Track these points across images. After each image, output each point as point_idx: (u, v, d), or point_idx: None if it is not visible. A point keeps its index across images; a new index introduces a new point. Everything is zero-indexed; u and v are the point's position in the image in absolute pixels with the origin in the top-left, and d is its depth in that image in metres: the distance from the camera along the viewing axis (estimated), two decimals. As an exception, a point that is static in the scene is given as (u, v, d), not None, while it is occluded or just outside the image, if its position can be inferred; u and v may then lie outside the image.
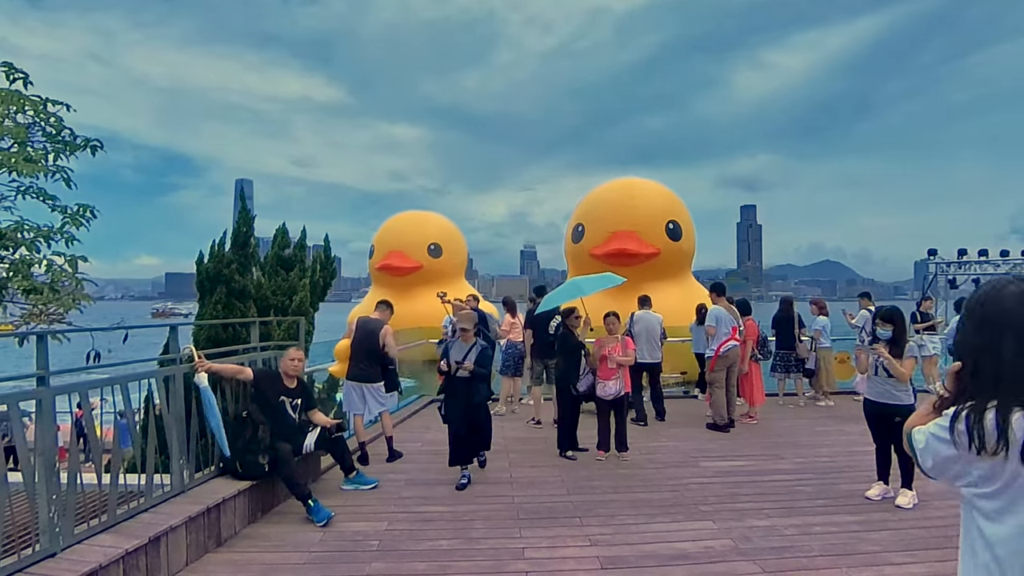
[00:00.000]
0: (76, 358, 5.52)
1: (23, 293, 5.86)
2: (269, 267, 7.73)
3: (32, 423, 3.58)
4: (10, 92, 5.69)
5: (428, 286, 15.26)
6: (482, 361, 5.54)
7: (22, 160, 5.53)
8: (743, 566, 3.75)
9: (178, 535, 3.74)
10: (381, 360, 6.18)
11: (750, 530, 4.31)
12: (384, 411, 6.35)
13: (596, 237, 12.80)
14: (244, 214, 7.20)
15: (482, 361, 5.54)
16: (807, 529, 4.30)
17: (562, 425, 6.55)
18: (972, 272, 18.36)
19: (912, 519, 4.51)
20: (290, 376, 5.09)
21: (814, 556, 3.86)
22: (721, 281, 8.74)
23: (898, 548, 3.98)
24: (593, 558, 3.88)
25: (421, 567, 3.80)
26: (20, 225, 5.78)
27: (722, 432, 7.47)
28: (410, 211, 18.77)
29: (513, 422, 8.20)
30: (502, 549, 4.05)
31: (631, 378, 6.62)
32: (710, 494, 5.13)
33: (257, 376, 4.94)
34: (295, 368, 5.11)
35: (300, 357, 5.19)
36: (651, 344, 8.16)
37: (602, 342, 6.35)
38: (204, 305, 6.70)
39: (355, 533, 4.34)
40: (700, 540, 4.15)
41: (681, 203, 13.69)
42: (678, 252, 12.94)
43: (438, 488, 5.38)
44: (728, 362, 7.69)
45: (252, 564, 3.88)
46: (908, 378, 4.79)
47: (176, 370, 4.36)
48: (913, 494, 4.80)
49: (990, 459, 1.32)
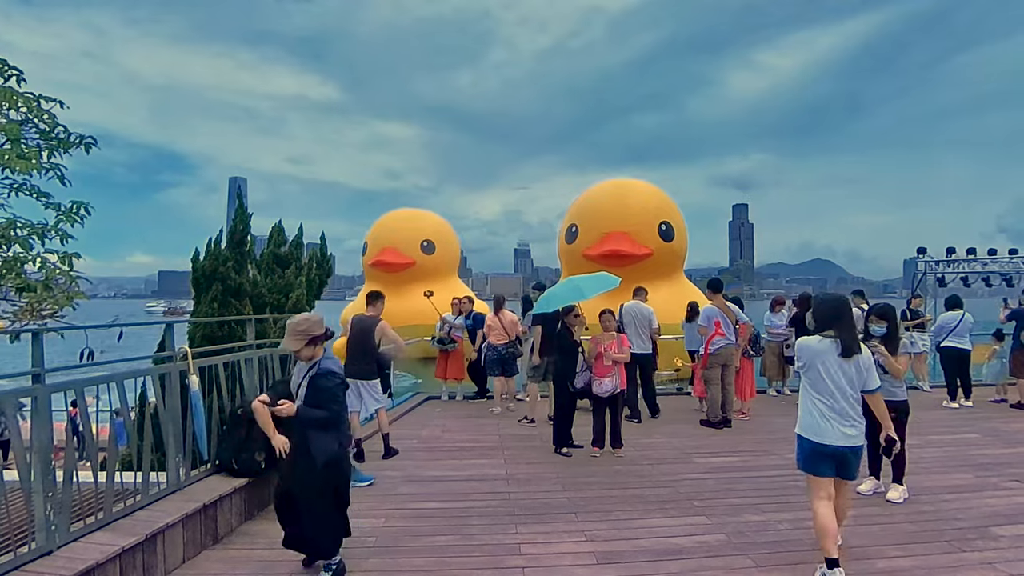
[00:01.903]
0: (70, 357, 5.49)
1: (16, 291, 5.83)
2: (265, 265, 7.71)
3: (27, 421, 3.57)
4: (3, 89, 5.65)
5: (421, 283, 15.26)
6: (319, 396, 3.48)
7: (15, 157, 5.49)
8: (737, 560, 3.80)
9: (174, 533, 3.74)
10: (377, 358, 6.19)
11: (744, 525, 4.36)
12: (380, 408, 6.36)
13: (589, 238, 12.87)
14: (241, 212, 7.18)
15: (319, 396, 3.48)
16: (800, 524, 4.34)
17: (558, 422, 6.58)
18: (960, 271, 18.54)
19: (903, 513, 4.57)
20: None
21: (807, 550, 3.90)
22: (718, 278, 8.78)
23: (889, 542, 4.05)
24: (589, 553, 3.92)
25: (418, 563, 3.82)
26: (13, 222, 5.74)
27: (716, 429, 7.53)
28: (404, 208, 18.75)
29: (509, 419, 8.23)
30: (498, 545, 4.08)
31: (626, 373, 6.65)
32: (704, 490, 5.17)
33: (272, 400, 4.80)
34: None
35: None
36: (639, 335, 8.12)
37: (598, 339, 6.38)
38: (200, 303, 6.69)
39: (351, 530, 4.35)
40: (694, 535, 4.20)
41: (673, 204, 13.79)
42: (670, 253, 13.04)
43: (434, 485, 5.40)
44: (721, 360, 7.74)
45: (249, 561, 3.89)
46: (903, 374, 4.86)
47: (171, 368, 4.36)
48: (904, 489, 4.87)
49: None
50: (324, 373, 3.50)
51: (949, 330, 9.02)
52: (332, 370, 3.53)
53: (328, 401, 3.48)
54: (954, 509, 4.65)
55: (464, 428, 7.80)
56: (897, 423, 4.91)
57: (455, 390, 9.97)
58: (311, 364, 3.56)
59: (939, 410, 8.62)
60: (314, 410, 3.46)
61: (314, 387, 3.49)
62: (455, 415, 8.66)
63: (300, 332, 3.48)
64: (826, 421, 3.54)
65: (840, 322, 3.63)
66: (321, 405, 3.47)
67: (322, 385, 3.48)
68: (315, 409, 3.46)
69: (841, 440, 3.51)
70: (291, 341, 3.49)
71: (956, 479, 5.42)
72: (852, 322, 3.68)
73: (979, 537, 4.10)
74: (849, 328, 3.62)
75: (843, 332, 3.59)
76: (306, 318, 3.55)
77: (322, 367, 3.52)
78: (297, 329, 3.49)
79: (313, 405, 3.47)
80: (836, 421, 3.53)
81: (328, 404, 3.48)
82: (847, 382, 3.55)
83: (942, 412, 8.54)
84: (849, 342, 3.57)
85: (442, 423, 8.09)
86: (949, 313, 9.22)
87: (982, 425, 7.66)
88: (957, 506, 4.72)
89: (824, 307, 3.81)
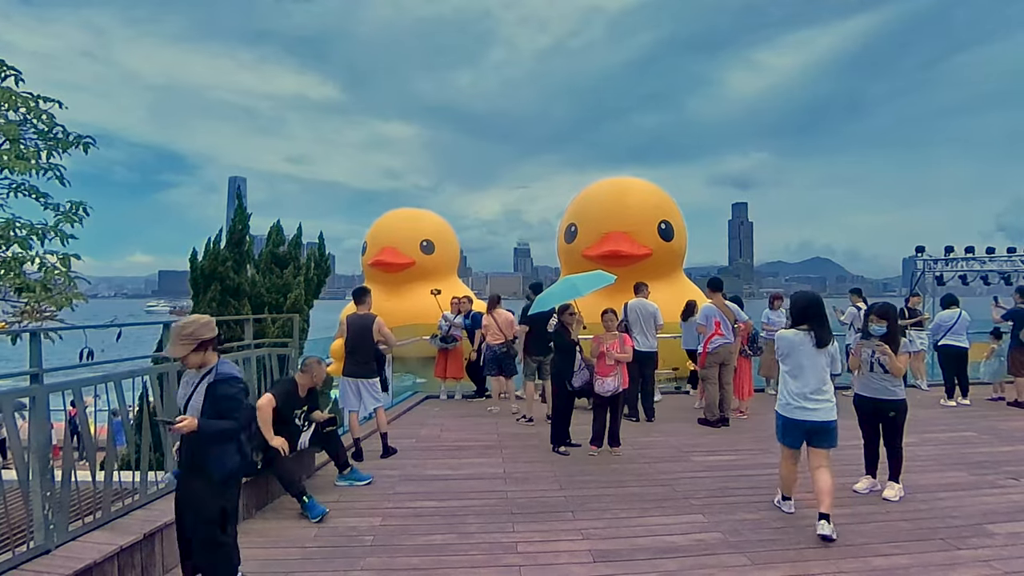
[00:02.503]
0: (69, 357, 5.52)
1: (15, 291, 5.85)
2: (264, 264, 7.73)
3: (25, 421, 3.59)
4: (1, 89, 5.67)
5: (421, 283, 15.24)
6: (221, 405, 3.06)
7: (14, 157, 5.51)
8: (733, 558, 3.81)
9: (172, 532, 3.73)
10: (376, 355, 6.22)
11: (740, 523, 4.38)
12: (379, 407, 6.37)
13: (589, 238, 12.85)
14: (240, 211, 7.20)
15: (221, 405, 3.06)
16: (796, 522, 4.36)
17: (556, 421, 6.59)
18: (959, 269, 18.55)
19: (899, 512, 4.59)
20: (307, 387, 5.12)
21: (803, 548, 3.93)
22: (718, 277, 8.78)
23: (885, 540, 4.06)
24: (585, 551, 3.93)
25: (415, 562, 3.83)
26: (12, 222, 5.76)
27: (714, 427, 7.55)
28: (403, 208, 18.72)
29: (507, 418, 8.24)
30: (495, 543, 4.09)
31: (628, 371, 6.62)
32: (701, 488, 5.19)
33: (278, 400, 4.80)
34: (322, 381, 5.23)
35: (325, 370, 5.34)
36: (645, 333, 8.09)
37: (600, 339, 6.36)
38: (198, 302, 6.71)
39: (349, 529, 4.37)
40: (691, 533, 4.21)
41: (673, 203, 13.78)
42: (670, 252, 13.03)
43: (432, 484, 5.42)
44: (719, 359, 7.75)
45: (246, 560, 3.87)
46: (903, 373, 4.88)
47: (170, 367, 4.37)
48: (900, 487, 4.89)
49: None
50: (225, 379, 3.08)
51: (947, 328, 9.03)
52: (233, 375, 3.13)
53: (232, 410, 3.07)
54: (950, 507, 4.66)
55: (462, 427, 7.81)
56: (895, 422, 4.94)
57: (454, 389, 9.99)
58: (205, 371, 3.11)
59: (936, 408, 8.63)
60: (218, 421, 3.04)
61: (214, 395, 3.04)
62: (453, 414, 8.67)
63: (187, 336, 3.03)
64: (799, 400, 4.21)
65: (814, 317, 4.26)
66: (224, 415, 3.05)
67: (224, 392, 3.05)
68: (219, 420, 3.04)
69: (811, 416, 4.18)
70: (177, 347, 3.04)
71: (952, 477, 5.43)
72: (825, 317, 4.32)
73: (974, 535, 4.11)
74: (822, 322, 4.26)
75: (817, 326, 4.23)
76: (193, 320, 3.11)
77: (221, 372, 3.10)
78: (183, 333, 3.04)
79: (214, 416, 3.04)
80: (808, 401, 4.18)
81: (231, 413, 3.07)
82: (820, 368, 4.21)
83: (939, 410, 8.55)
84: (822, 335, 4.21)
85: (440, 422, 8.10)
86: (946, 312, 9.24)
87: (979, 423, 7.68)
88: (953, 504, 4.73)
89: (800, 304, 4.40)
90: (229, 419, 3.06)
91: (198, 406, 3.06)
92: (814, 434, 4.22)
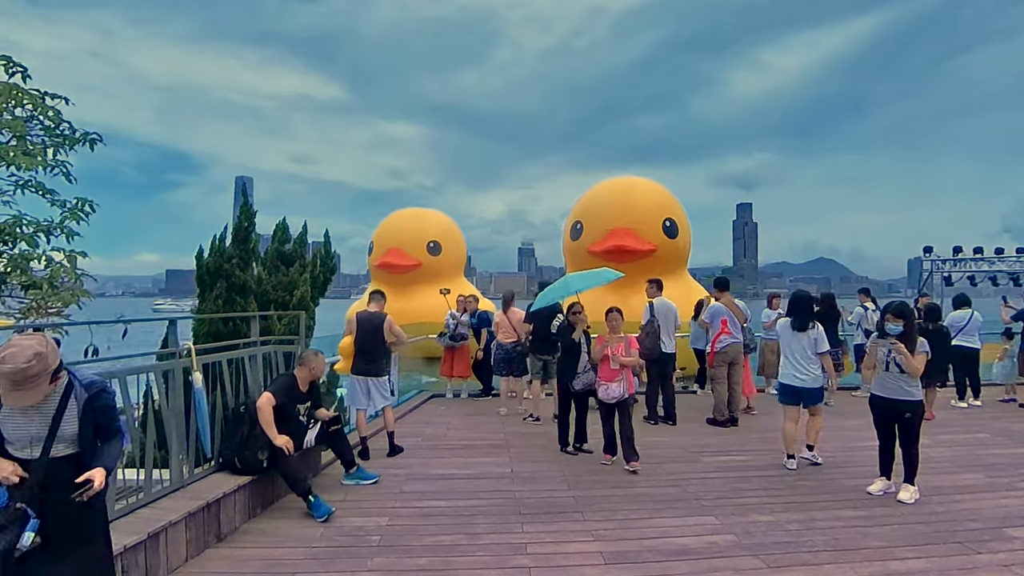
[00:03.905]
0: (74, 354, 5.49)
1: (22, 288, 5.83)
2: (269, 262, 7.70)
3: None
4: (8, 85, 5.65)
5: (427, 284, 15.21)
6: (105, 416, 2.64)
7: (20, 154, 5.49)
8: (746, 561, 3.74)
9: (177, 531, 3.71)
10: (387, 353, 6.21)
11: (753, 525, 4.30)
12: (387, 406, 6.33)
13: (594, 234, 12.88)
14: (246, 209, 7.17)
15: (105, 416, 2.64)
16: (810, 524, 4.29)
17: (562, 420, 6.52)
18: (967, 269, 18.41)
19: (915, 514, 4.50)
20: (307, 381, 5.07)
21: (818, 551, 3.85)
22: (725, 276, 8.69)
23: (902, 543, 3.97)
24: (596, 553, 3.87)
25: (422, 562, 3.78)
26: (19, 219, 5.74)
27: (723, 427, 7.47)
28: (409, 208, 18.67)
29: (514, 417, 8.19)
30: (504, 544, 4.03)
31: (648, 371, 6.45)
32: (712, 489, 5.11)
33: (278, 398, 4.75)
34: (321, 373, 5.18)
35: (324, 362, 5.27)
36: (669, 334, 7.80)
37: (605, 340, 5.94)
38: (204, 300, 6.68)
39: (356, 528, 4.32)
40: (703, 535, 4.14)
41: (677, 201, 13.81)
42: (674, 249, 13.05)
43: (439, 483, 5.36)
44: (728, 358, 7.68)
45: (252, 560, 3.85)
46: (920, 373, 4.79)
47: (175, 364, 4.33)
48: (915, 489, 4.80)
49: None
50: (102, 388, 2.65)
51: (958, 329, 8.93)
52: (105, 382, 2.73)
53: (114, 420, 2.69)
54: (967, 510, 4.58)
55: (469, 426, 7.76)
56: (911, 423, 4.85)
57: (460, 388, 9.95)
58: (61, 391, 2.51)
59: (948, 409, 8.52)
60: (114, 445, 2.67)
61: (94, 410, 2.57)
62: (460, 413, 8.62)
63: (37, 375, 2.35)
64: (788, 368, 5.74)
65: (796, 310, 5.79)
66: (109, 428, 2.65)
67: (106, 403, 2.65)
68: (110, 444, 2.66)
69: (797, 382, 5.66)
70: (30, 393, 2.35)
71: (968, 479, 5.35)
72: (807, 310, 5.77)
73: (993, 538, 4.03)
74: (801, 314, 5.74)
75: (797, 316, 5.75)
76: (31, 350, 2.34)
77: (95, 383, 2.63)
78: (30, 374, 2.32)
79: (96, 434, 2.61)
80: (797, 371, 5.66)
81: (114, 423, 2.69)
82: (803, 347, 5.67)
83: (951, 412, 8.45)
84: (799, 322, 5.72)
85: (447, 421, 8.05)
86: (958, 312, 9.13)
87: (992, 425, 7.58)
88: (970, 507, 4.65)
89: (791, 301, 5.96)
90: (114, 430, 2.69)
91: (73, 434, 2.54)
92: (804, 396, 5.67)
